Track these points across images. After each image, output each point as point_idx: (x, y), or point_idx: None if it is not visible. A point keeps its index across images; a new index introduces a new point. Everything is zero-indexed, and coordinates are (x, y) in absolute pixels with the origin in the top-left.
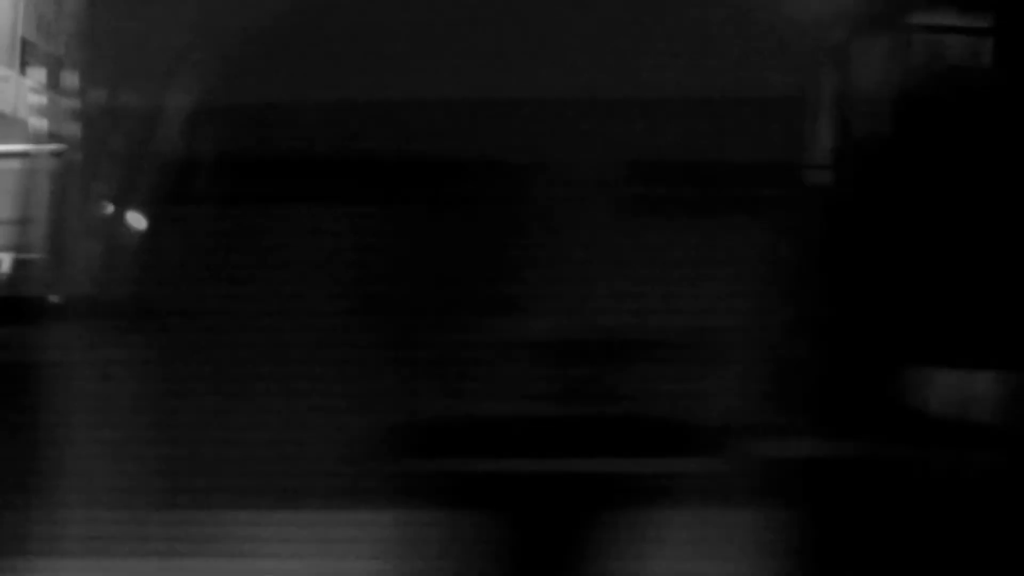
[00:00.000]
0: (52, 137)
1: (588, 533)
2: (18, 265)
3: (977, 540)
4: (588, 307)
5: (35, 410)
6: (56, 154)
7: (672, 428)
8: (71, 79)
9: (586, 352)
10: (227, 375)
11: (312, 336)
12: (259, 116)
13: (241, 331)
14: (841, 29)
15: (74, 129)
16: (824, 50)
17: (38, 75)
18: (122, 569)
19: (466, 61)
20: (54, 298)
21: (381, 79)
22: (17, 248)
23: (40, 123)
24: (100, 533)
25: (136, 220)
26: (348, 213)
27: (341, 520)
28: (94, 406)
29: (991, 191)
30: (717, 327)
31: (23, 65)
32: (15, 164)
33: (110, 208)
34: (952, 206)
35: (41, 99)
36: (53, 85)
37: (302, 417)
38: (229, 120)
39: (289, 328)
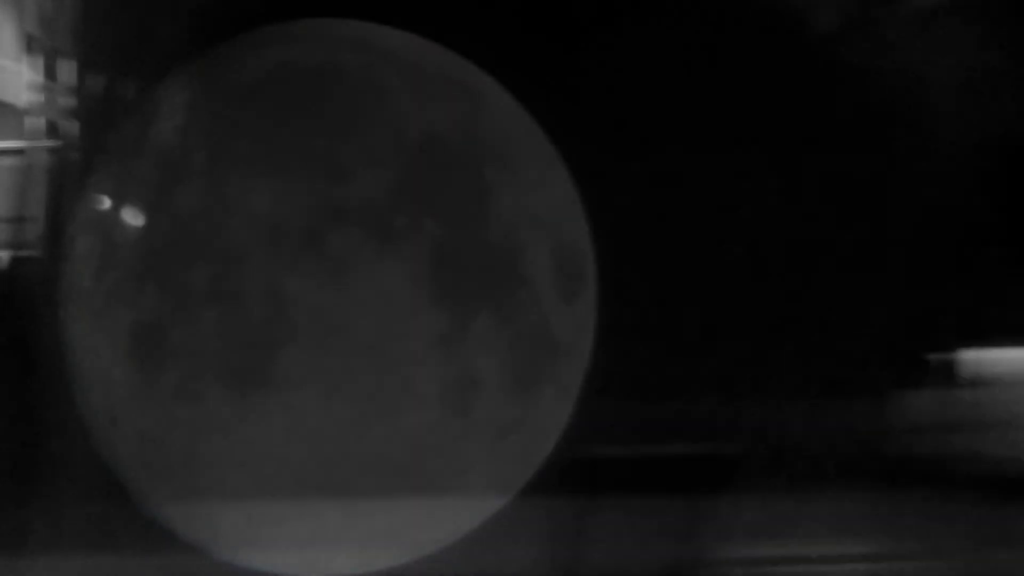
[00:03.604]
0: (54, 131)
1: None
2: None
3: None
4: None
5: None
6: (58, 149)
7: None
8: (72, 72)
9: None
10: None
11: None
12: None
13: None
14: None
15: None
16: None
17: (40, 67)
18: None
19: None
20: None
21: None
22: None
23: (42, 116)
24: None
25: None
26: None
27: None
28: None
29: None
30: None
31: (26, 57)
32: (20, 159)
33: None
34: None
35: (43, 92)
36: (54, 78)
37: None
38: None
39: None
